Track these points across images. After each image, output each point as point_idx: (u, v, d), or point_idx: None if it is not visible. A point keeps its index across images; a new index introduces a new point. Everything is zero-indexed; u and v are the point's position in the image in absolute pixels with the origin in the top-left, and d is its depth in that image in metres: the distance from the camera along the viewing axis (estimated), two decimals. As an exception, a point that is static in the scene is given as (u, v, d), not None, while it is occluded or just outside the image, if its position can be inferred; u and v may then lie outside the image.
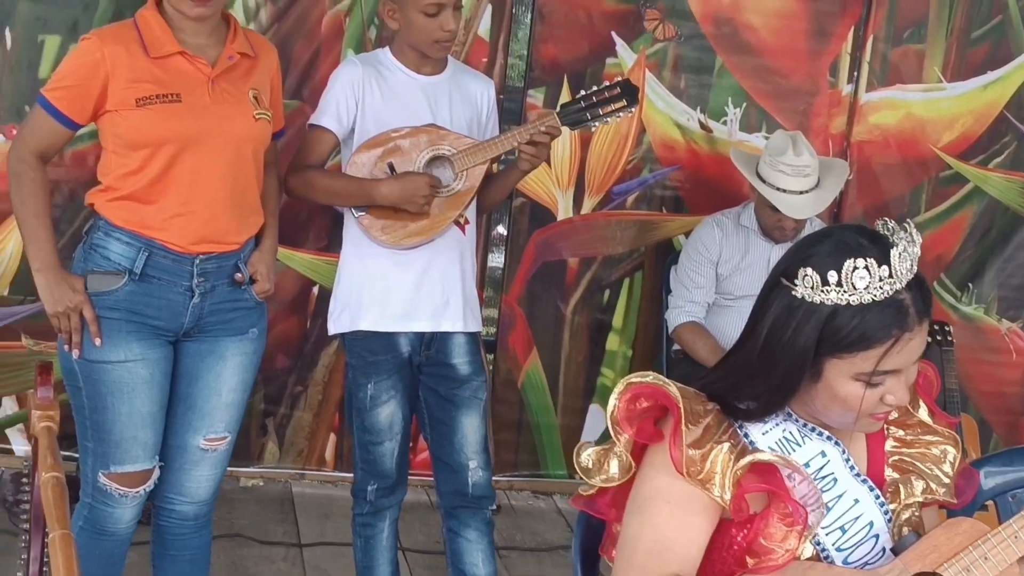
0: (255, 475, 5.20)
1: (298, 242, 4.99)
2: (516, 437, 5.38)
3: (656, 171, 5.22)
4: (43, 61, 4.77)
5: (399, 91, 3.61)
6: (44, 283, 3.13)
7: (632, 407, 2.18)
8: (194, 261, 3.18)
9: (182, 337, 3.26)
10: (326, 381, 5.18)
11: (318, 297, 5.11)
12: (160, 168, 3.11)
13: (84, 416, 3.23)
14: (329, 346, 5.15)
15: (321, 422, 5.21)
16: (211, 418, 3.33)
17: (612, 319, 5.34)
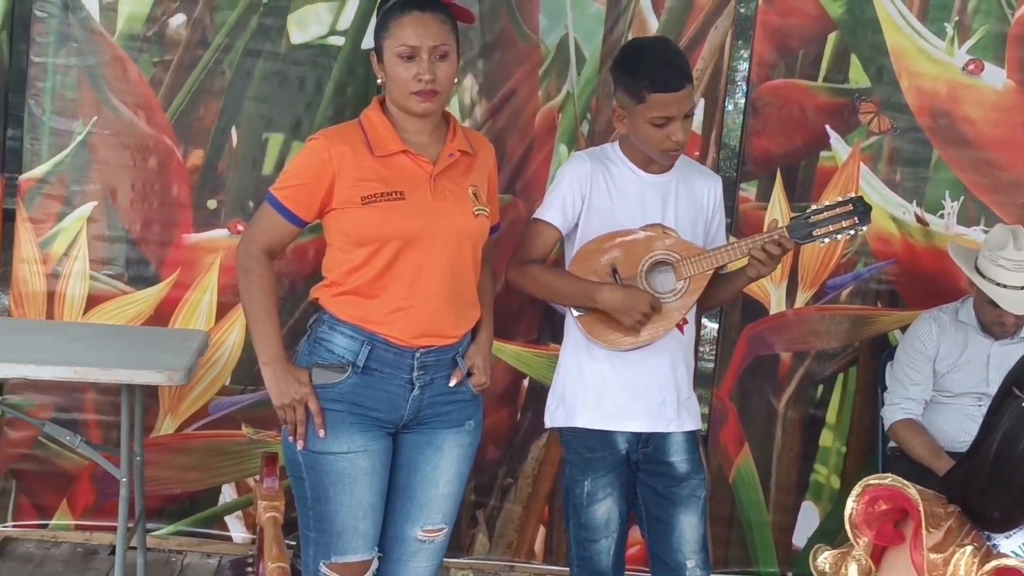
0: (465, 566, 5.22)
1: (509, 334, 5.03)
2: (727, 533, 5.30)
3: (871, 265, 5.15)
4: (266, 158, 4.94)
5: (625, 188, 3.62)
6: (271, 375, 3.22)
7: (871, 510, 2.14)
8: (415, 354, 3.23)
9: (401, 429, 3.31)
10: (536, 474, 5.19)
11: (528, 389, 5.14)
12: (384, 264, 3.18)
13: (307, 506, 3.29)
14: (539, 439, 5.17)
15: (531, 514, 5.22)
16: (429, 509, 3.37)
17: (826, 415, 5.25)
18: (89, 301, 4.93)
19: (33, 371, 4.09)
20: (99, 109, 4.86)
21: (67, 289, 4.91)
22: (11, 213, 4.94)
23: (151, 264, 4.94)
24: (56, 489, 5.04)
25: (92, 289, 4.92)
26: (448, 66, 3.19)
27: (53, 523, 5.06)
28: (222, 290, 4.96)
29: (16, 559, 4.92)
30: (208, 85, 4.90)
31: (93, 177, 4.90)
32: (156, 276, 4.95)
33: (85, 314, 4.92)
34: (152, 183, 4.92)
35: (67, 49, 4.83)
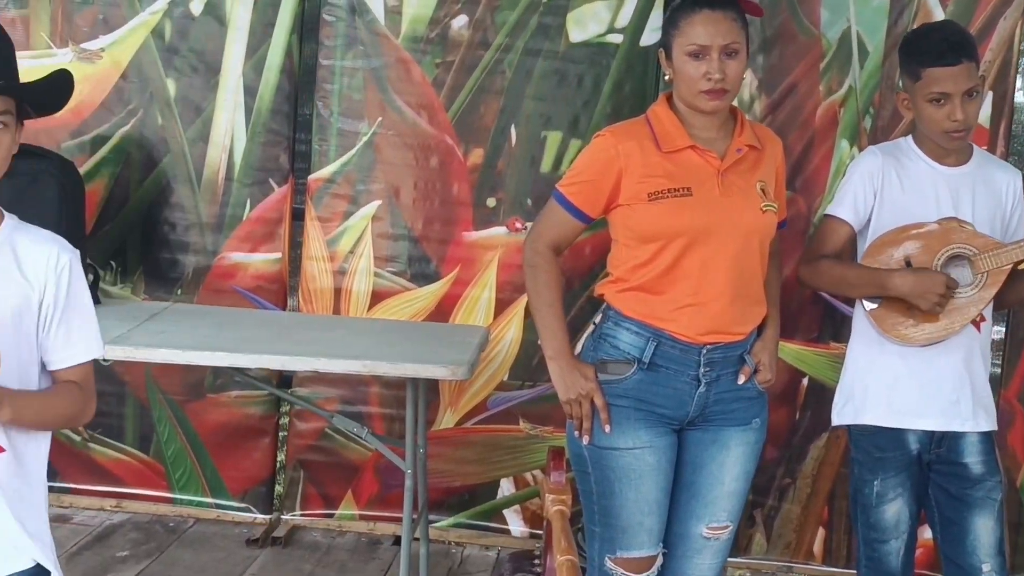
0: (742, 566, 5.17)
1: (789, 333, 4.96)
2: (1014, 537, 5.13)
3: None
4: (545, 156, 4.99)
5: (919, 182, 3.54)
6: (557, 370, 3.25)
7: None
8: (701, 351, 3.21)
9: (686, 426, 3.30)
10: (815, 474, 5.11)
11: (808, 388, 5.07)
12: (670, 260, 3.17)
13: (592, 501, 3.31)
14: (819, 439, 5.09)
15: (810, 515, 5.15)
16: (714, 506, 3.35)
17: (1121, 417, 5.04)
18: (373, 297, 5.06)
19: (324, 364, 4.22)
20: (384, 110, 4.99)
21: (353, 285, 5.05)
22: (300, 212, 5.12)
23: (432, 261, 5.05)
24: (342, 480, 5.19)
25: (376, 285, 5.06)
26: (737, 64, 3.15)
27: (339, 513, 5.21)
28: (501, 287, 5.03)
29: (303, 547, 5.09)
30: (488, 85, 4.98)
31: (378, 177, 5.03)
32: (437, 273, 5.05)
33: (370, 310, 5.05)
34: (434, 182, 5.02)
35: (354, 52, 4.98)
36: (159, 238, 5.15)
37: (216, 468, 5.23)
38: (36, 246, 2.48)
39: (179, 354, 4.22)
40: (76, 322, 2.51)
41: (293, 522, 5.22)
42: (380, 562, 4.98)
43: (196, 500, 5.26)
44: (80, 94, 5.03)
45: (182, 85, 5.09)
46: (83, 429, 5.20)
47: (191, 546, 5.02)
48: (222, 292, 5.12)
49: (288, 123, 5.10)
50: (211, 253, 5.14)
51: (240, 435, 5.21)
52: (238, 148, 5.08)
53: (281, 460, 5.36)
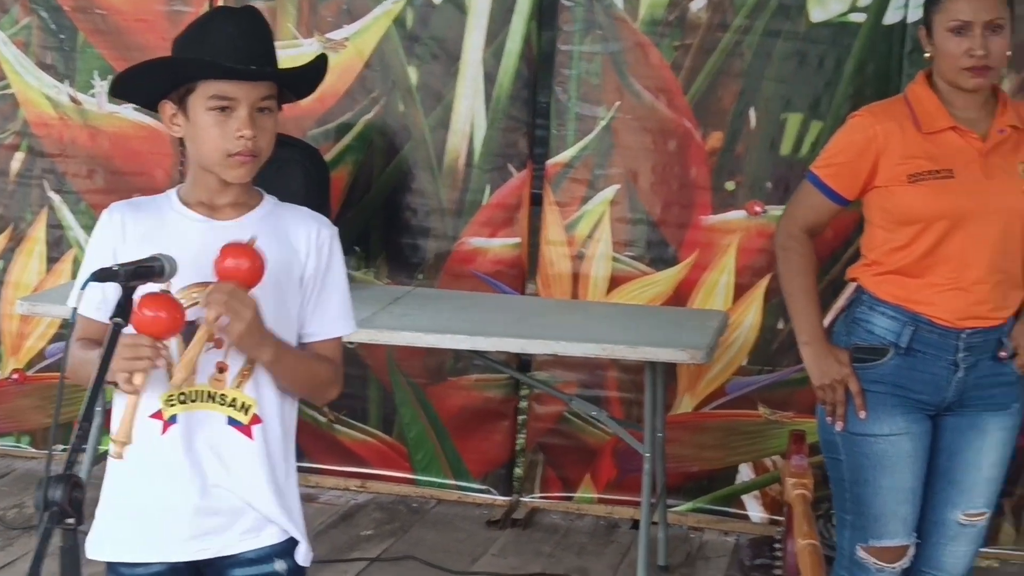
0: (990, 556, 5.04)
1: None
2: None
3: None
4: (784, 139, 4.92)
5: None
6: (811, 355, 3.21)
7: None
8: (960, 335, 3.14)
9: (942, 411, 3.23)
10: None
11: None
12: (930, 244, 3.11)
13: (843, 488, 3.27)
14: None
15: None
16: (971, 493, 3.28)
17: None
18: (612, 282, 5.07)
19: (564, 348, 4.26)
20: (622, 94, 4.99)
21: (591, 270, 5.07)
22: (538, 197, 5.15)
23: (670, 246, 5.03)
24: (580, 463, 5.22)
25: (614, 270, 5.06)
26: (1001, 40, 3.07)
27: (577, 496, 5.24)
28: (740, 271, 4.99)
29: (543, 529, 5.13)
30: (727, 67, 4.93)
31: (615, 161, 5.03)
32: (675, 257, 5.04)
33: (608, 294, 5.06)
34: (672, 166, 5.00)
35: (592, 36, 4.99)
36: (401, 223, 5.24)
37: (457, 450, 5.31)
38: (299, 221, 2.56)
39: (421, 337, 4.30)
40: (335, 297, 2.57)
41: (532, 504, 5.27)
42: (618, 545, 5.00)
43: (438, 481, 5.34)
44: (325, 83, 5.08)
45: (423, 72, 5.16)
46: (328, 411, 5.32)
47: (433, 526, 5.11)
48: (462, 276, 5.19)
49: (527, 109, 5.13)
50: (451, 238, 5.21)
51: (480, 418, 5.27)
52: (478, 134, 5.14)
53: (521, 443, 5.41)
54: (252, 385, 2.45)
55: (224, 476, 2.46)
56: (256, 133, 2.41)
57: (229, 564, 2.51)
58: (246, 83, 2.40)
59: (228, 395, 2.44)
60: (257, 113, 2.43)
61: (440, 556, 4.80)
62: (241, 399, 2.45)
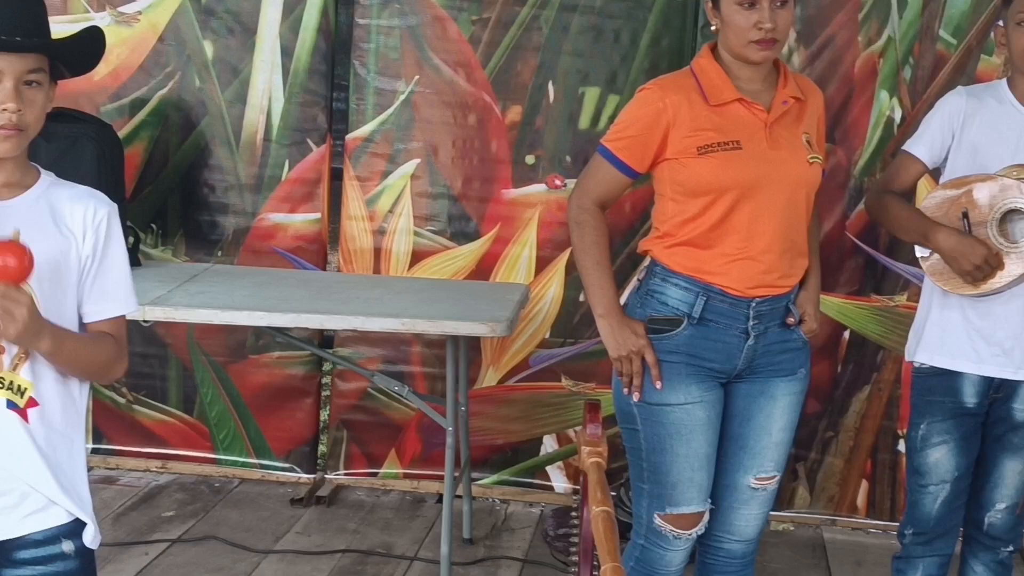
0: (786, 519, 5.18)
1: (829, 286, 4.95)
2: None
3: None
4: (583, 113, 4.97)
5: (1002, 125, 3.45)
6: (607, 328, 3.23)
7: None
8: (750, 304, 3.20)
9: (733, 378, 3.29)
10: (858, 427, 5.10)
11: (849, 342, 5.05)
12: (720, 215, 3.15)
13: (640, 458, 3.30)
14: (861, 392, 5.08)
15: (852, 468, 5.14)
16: (761, 457, 3.34)
17: None
18: (413, 256, 5.06)
19: (363, 323, 4.23)
20: (421, 68, 4.98)
21: (392, 245, 5.06)
22: (338, 172, 5.11)
23: (472, 220, 5.04)
24: (385, 439, 5.21)
25: (416, 245, 5.06)
26: (787, 13, 3.12)
27: (383, 472, 5.23)
28: (541, 244, 5.02)
29: (348, 506, 5.11)
30: (525, 41, 4.96)
31: (415, 135, 5.02)
32: (477, 231, 5.05)
33: (410, 269, 5.06)
34: (472, 140, 5.01)
35: (390, 10, 4.97)
36: (198, 200, 5.16)
37: (260, 429, 5.26)
38: (74, 201, 2.49)
39: (218, 314, 4.24)
40: (112, 275, 2.51)
41: (337, 481, 5.24)
42: (424, 520, 5.01)
43: (240, 461, 5.29)
44: (118, 58, 5.04)
45: (219, 47, 5.08)
46: (127, 391, 5.23)
47: (236, 506, 5.05)
48: (262, 253, 5.13)
49: (325, 83, 5.09)
50: (250, 214, 5.15)
51: (283, 396, 5.23)
52: (276, 109, 5.08)
53: (324, 420, 5.38)
54: (28, 368, 2.39)
55: (3, 458, 2.39)
56: (21, 107, 2.35)
57: (15, 546, 2.46)
58: (12, 55, 2.33)
59: (5, 378, 2.37)
60: (24, 87, 2.36)
61: (242, 535, 4.75)
62: (17, 382, 2.38)
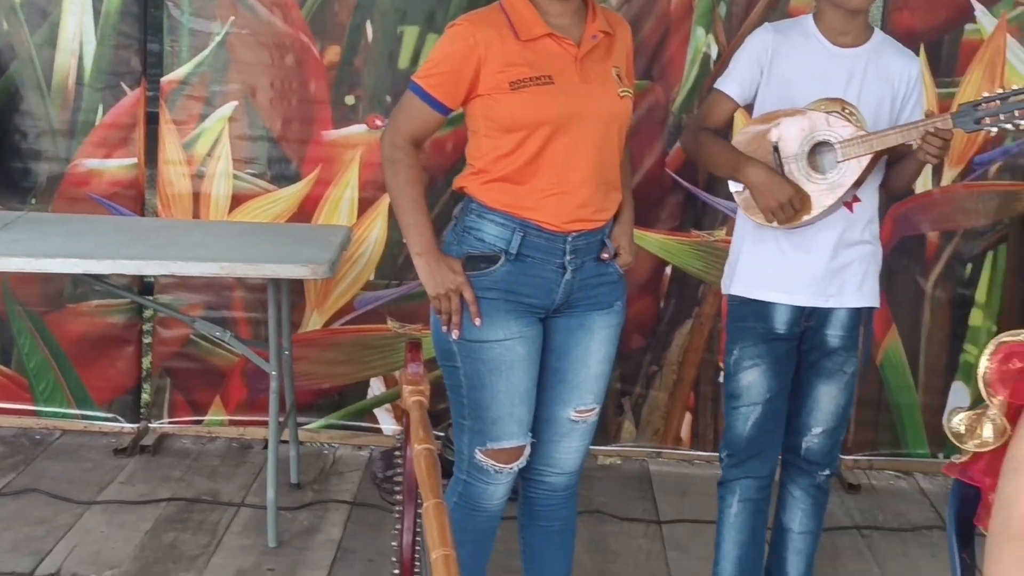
0: (612, 453, 5.25)
1: (650, 222, 5.01)
2: (875, 416, 5.26)
3: (1020, 139, 5.02)
4: (402, 52, 4.94)
5: (809, 61, 3.50)
6: (425, 266, 3.21)
7: (1005, 367, 2.09)
8: (566, 239, 3.21)
9: (551, 313, 3.31)
10: (681, 361, 5.18)
11: (671, 277, 5.12)
12: (534, 150, 3.15)
13: (461, 395, 3.31)
14: (683, 326, 5.16)
15: (676, 401, 5.23)
16: (581, 390, 3.37)
17: (975, 294, 5.16)
18: (233, 200, 5.00)
19: (181, 268, 4.16)
20: (236, 9, 4.90)
21: (212, 189, 4.98)
22: (154, 116, 5.01)
23: (292, 162, 4.99)
24: (209, 386, 5.15)
25: (236, 188, 4.99)
26: None
27: (208, 419, 5.18)
28: (363, 186, 4.99)
29: (173, 454, 5.06)
30: (343, -20, 4.90)
31: (232, 77, 4.94)
32: (297, 174, 5.00)
33: (230, 213, 4.99)
34: (290, 81, 4.95)
35: (203, -50, 4.86)
36: (9, 146, 5.01)
37: (80, 379, 5.16)
38: None
39: (32, 262, 4.13)
40: None
41: (161, 430, 5.17)
42: (251, 466, 4.98)
43: (61, 412, 5.18)
44: (-81, 1, 4.86)
45: (26, -11, 4.94)
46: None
47: (58, 458, 4.96)
48: (77, 200, 5.02)
49: (138, 25, 4.97)
50: (64, 160, 5.02)
51: (103, 344, 5.13)
52: (88, 52, 4.95)
53: (147, 368, 5.29)
54: None
55: None
56: None
57: None
58: None
59: None
60: None
61: (65, 487, 4.67)
62: None
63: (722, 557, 3.76)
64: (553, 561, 3.60)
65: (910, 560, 4.56)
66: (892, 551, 4.64)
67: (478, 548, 3.46)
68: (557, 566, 3.61)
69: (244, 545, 4.34)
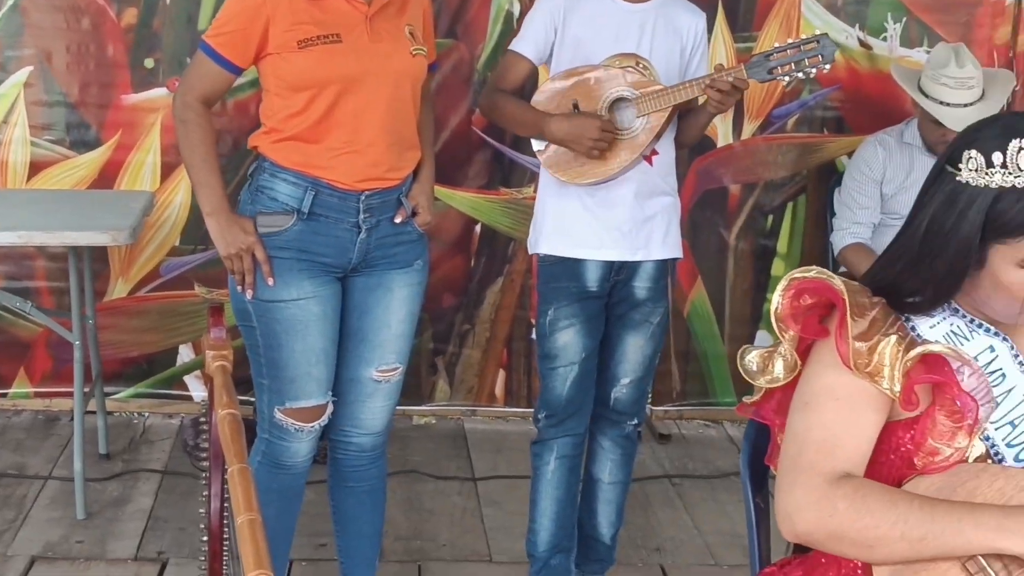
0: (427, 413, 5.27)
1: (458, 181, 5.03)
2: (684, 367, 5.36)
3: (816, 92, 5.15)
4: (201, 13, 4.86)
5: (601, 18, 3.54)
6: (216, 226, 3.18)
7: (796, 304, 2.15)
8: (360, 197, 3.21)
9: (350, 273, 3.30)
10: (493, 319, 5.21)
11: (481, 236, 5.15)
12: (324, 108, 3.13)
13: (259, 355, 3.29)
14: (494, 284, 5.19)
15: (490, 359, 5.26)
16: (383, 350, 3.37)
17: (777, 244, 5.28)
18: (32, 168, 4.88)
19: (-22, 238, 4.06)
20: (28, -28, 4.77)
21: (8, 156, 4.86)
22: (-55, 83, 4.87)
23: (92, 127, 4.89)
24: (12, 358, 5.04)
25: (34, 155, 4.88)
26: None
27: (12, 392, 5.07)
28: (165, 150, 4.91)
29: (-24, 429, 4.95)
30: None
31: (27, 42, 4.82)
32: (98, 139, 4.91)
33: (28, 180, 4.88)
34: (87, 45, 4.84)
35: (-7, -89, 4.73)
36: None
37: None
38: None
39: None
40: None
41: (-36, 404, 5.06)
42: (58, 438, 4.89)
43: None
44: None
45: None
46: None
47: None
48: None
49: (-76, -11, 4.83)
50: None
51: (-101, 318, 4.99)
52: None
53: (-57, 343, 5.17)
54: None
55: None
56: None
57: None
58: None
59: None
60: None
61: None
62: None
63: (539, 514, 3.80)
64: (363, 521, 3.61)
65: (718, 505, 4.66)
66: (701, 497, 4.74)
67: (285, 507, 3.45)
68: (367, 526, 3.62)
69: (52, 518, 4.26)
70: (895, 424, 2.11)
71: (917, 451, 2.10)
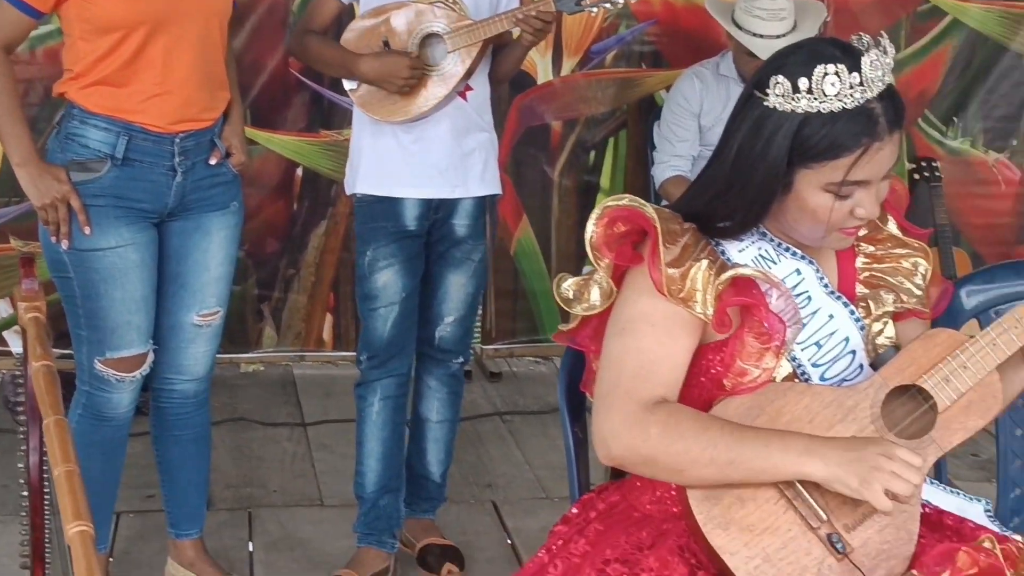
0: (255, 360, 5.23)
1: (276, 124, 4.98)
2: (513, 305, 5.40)
3: (632, 27, 5.19)
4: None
5: None
6: (27, 177, 3.10)
7: (610, 232, 2.17)
8: (174, 140, 3.15)
9: (166, 217, 3.25)
10: (318, 263, 5.19)
11: (303, 179, 5.11)
12: (133, 50, 3.06)
13: (76, 306, 3.22)
14: (318, 227, 5.16)
15: (316, 303, 5.23)
16: (203, 294, 3.34)
17: (600, 180, 5.33)
18: None
19: None
20: None
21: None
22: None
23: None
24: None
25: None
26: None
27: None
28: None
29: None
30: None
31: None
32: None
33: None
34: None
35: None
36: None
37: None
38: None
39: None
40: None
41: None
42: None
43: None
44: None
45: None
46: None
47: None
48: None
49: None
50: None
51: None
52: None
53: None
54: None
55: None
56: None
57: None
58: None
59: None
60: None
61: None
62: None
63: (366, 455, 3.79)
64: (189, 469, 3.58)
65: (549, 440, 4.71)
66: (532, 432, 4.79)
67: (108, 459, 3.40)
68: (194, 474, 3.59)
69: None
70: (705, 347, 2.15)
71: (726, 372, 2.14)
